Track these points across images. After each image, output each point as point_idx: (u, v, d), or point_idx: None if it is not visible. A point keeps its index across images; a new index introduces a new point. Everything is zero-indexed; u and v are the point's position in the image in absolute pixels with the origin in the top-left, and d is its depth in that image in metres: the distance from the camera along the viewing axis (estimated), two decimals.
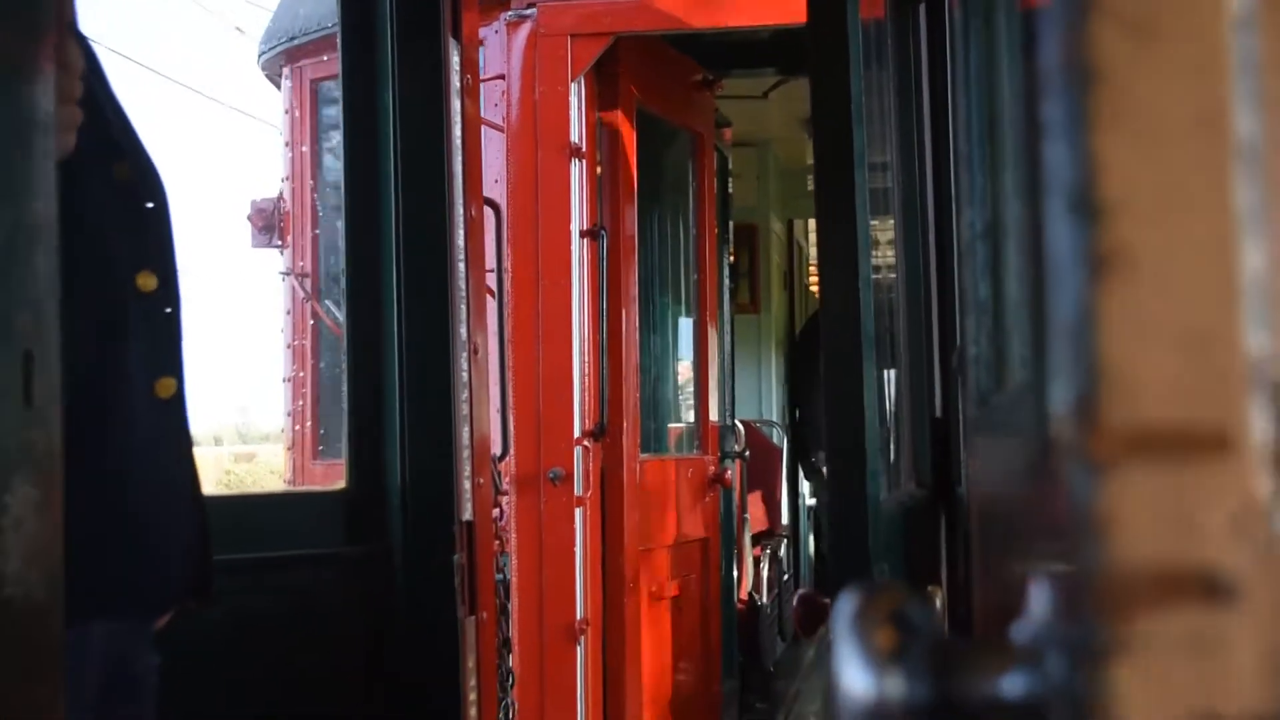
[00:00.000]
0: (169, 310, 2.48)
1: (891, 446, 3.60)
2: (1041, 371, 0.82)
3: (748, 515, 8.60)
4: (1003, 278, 1.42)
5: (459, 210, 3.58)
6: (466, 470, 3.55)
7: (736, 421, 8.33)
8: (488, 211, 4.13)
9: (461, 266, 3.58)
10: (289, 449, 7.00)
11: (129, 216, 2.43)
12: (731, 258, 8.57)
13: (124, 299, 2.39)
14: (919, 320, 3.48)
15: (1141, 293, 0.64)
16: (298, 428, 6.83)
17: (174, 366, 2.49)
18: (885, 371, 3.67)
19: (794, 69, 7.27)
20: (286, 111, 7.01)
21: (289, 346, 7.01)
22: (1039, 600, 0.81)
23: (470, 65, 3.64)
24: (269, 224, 6.93)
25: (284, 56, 6.94)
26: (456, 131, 3.56)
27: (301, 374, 6.84)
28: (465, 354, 3.58)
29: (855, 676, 0.74)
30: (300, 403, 6.82)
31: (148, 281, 2.43)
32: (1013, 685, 0.76)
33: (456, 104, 3.56)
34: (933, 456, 3.38)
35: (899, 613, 0.77)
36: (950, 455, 3.31)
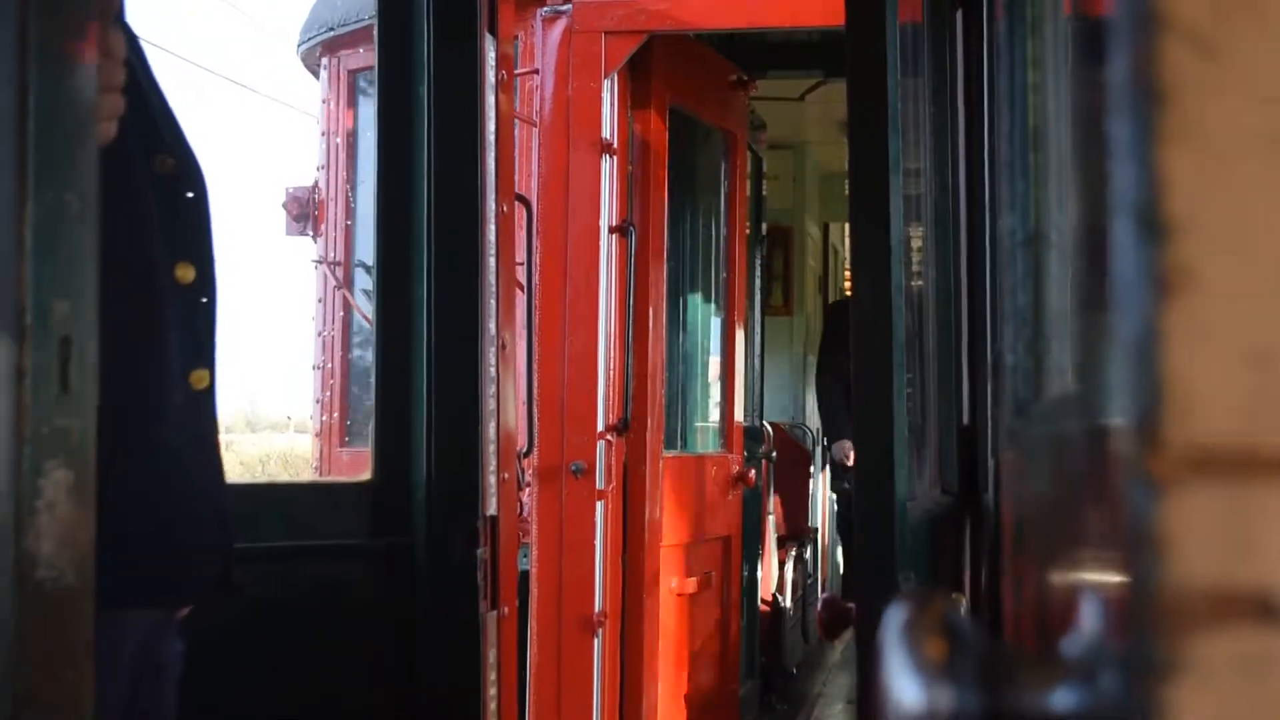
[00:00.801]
0: (205, 302, 2.48)
1: (914, 451, 3.60)
2: (1095, 385, 0.82)
3: (772, 516, 8.57)
4: (1044, 287, 1.41)
5: (490, 205, 3.58)
6: (492, 465, 3.55)
7: (765, 424, 8.31)
8: (519, 207, 4.14)
9: (492, 261, 3.59)
10: (316, 436, 7.04)
11: (169, 208, 2.43)
12: (764, 259, 8.55)
13: (162, 290, 2.40)
14: (949, 327, 3.47)
15: (1206, 311, 0.64)
16: (325, 416, 6.86)
17: (209, 358, 2.49)
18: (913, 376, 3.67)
19: (838, 71, 7.27)
20: (324, 101, 7.05)
21: (319, 335, 7.05)
22: (1090, 615, 0.81)
23: (505, 61, 3.64)
24: (303, 212, 6.96)
25: (322, 47, 6.98)
26: (490, 127, 3.57)
27: (330, 363, 6.87)
28: (493, 349, 3.58)
29: (906, 687, 0.75)
30: (328, 392, 6.85)
31: (186, 273, 2.43)
32: (1064, 699, 0.76)
33: (491, 99, 3.57)
34: (960, 463, 3.37)
35: (949, 623, 0.77)
36: (976, 462, 3.30)
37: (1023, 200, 1.45)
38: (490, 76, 3.57)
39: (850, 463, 7.50)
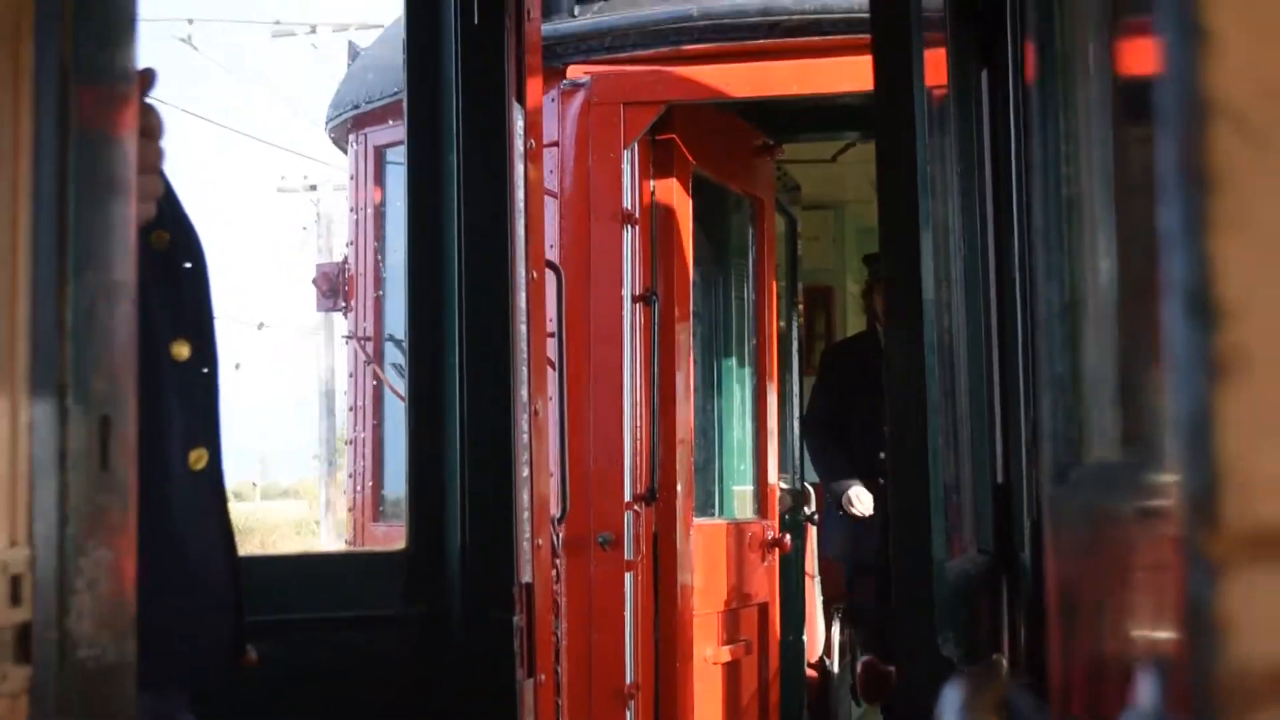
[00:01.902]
0: (202, 379, 2.44)
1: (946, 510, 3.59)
2: (1145, 459, 0.83)
3: (818, 578, 8.41)
4: (1082, 355, 1.42)
5: (520, 273, 3.60)
6: (526, 532, 3.56)
7: (807, 484, 8.19)
8: (549, 274, 4.16)
9: (523, 329, 3.60)
10: (350, 511, 7.03)
11: (165, 283, 2.39)
12: (801, 320, 8.48)
13: (158, 370, 2.36)
14: (981, 386, 3.47)
15: (1259, 394, 0.64)
16: (359, 490, 6.85)
17: (207, 437, 2.45)
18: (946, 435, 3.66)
19: (872, 131, 7.24)
20: (352, 177, 7.08)
21: (350, 410, 7.06)
22: (1147, 692, 0.81)
23: (534, 129, 3.67)
24: (333, 288, 6.99)
25: (350, 123, 7.01)
26: (519, 195, 3.59)
27: (362, 436, 6.88)
28: (526, 416, 3.59)
29: None
30: (361, 464, 6.85)
31: (181, 350, 2.40)
32: None
33: (520, 168, 3.59)
34: (995, 522, 3.36)
35: (1006, 702, 0.78)
36: (1013, 522, 3.29)
37: (1059, 270, 1.45)
38: (519, 145, 3.60)
39: (855, 509, 7.39)
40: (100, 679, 1.60)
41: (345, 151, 7.24)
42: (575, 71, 5.84)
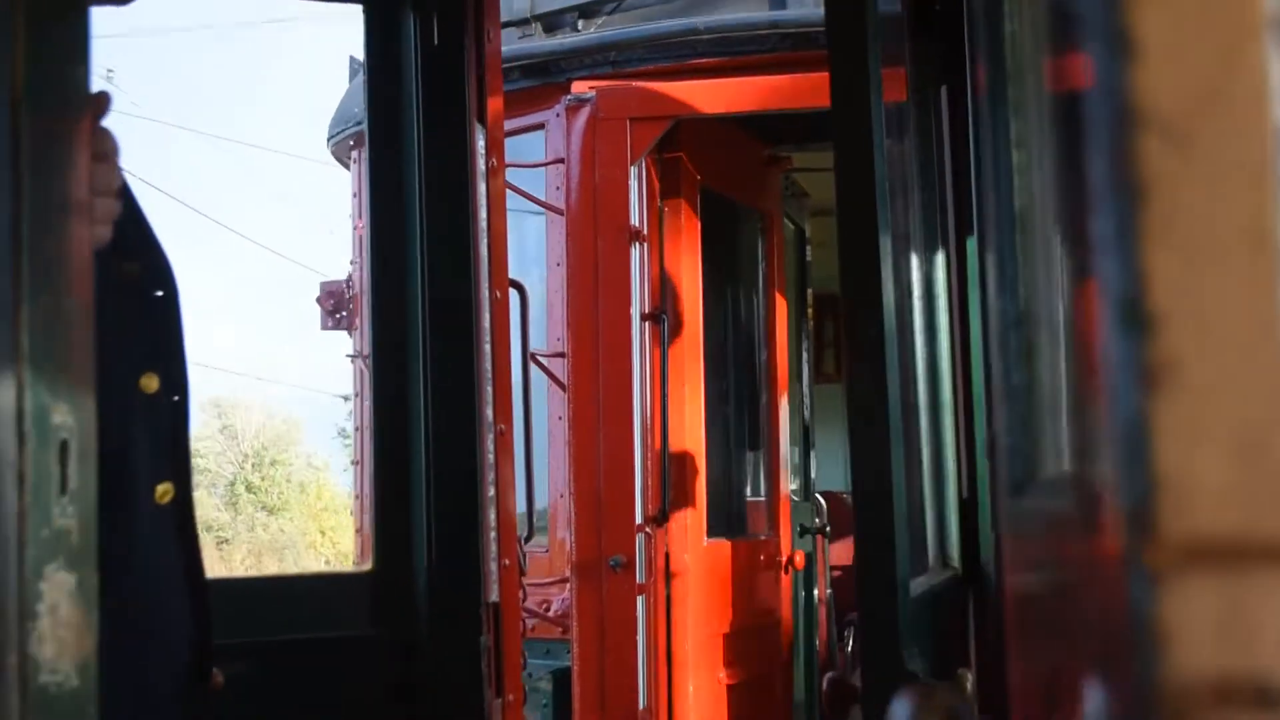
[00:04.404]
0: (171, 411, 2.42)
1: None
2: (1089, 470, 0.83)
3: (830, 593, 8.32)
4: (1036, 368, 1.42)
5: (485, 292, 3.59)
6: (493, 551, 3.55)
7: (818, 495, 8.12)
8: (513, 293, 4.15)
9: (487, 348, 3.60)
10: (357, 530, 6.99)
11: (133, 317, 2.37)
12: (811, 328, 8.43)
13: (126, 402, 2.34)
14: (942, 399, 3.48)
15: (1193, 402, 0.65)
16: (364, 511, 6.79)
17: (174, 470, 2.43)
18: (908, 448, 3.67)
19: None
20: (354, 194, 7.03)
21: (356, 430, 7.01)
22: (1094, 702, 0.81)
23: (495, 147, 3.67)
24: (338, 306, 6.94)
25: (351, 140, 6.97)
26: (482, 215, 3.59)
27: (367, 457, 6.82)
28: (491, 435, 3.59)
29: None
30: (366, 485, 6.80)
31: (150, 382, 2.38)
32: None
33: (482, 187, 3.59)
34: (961, 535, 3.38)
35: (953, 714, 0.78)
36: (977, 536, 3.30)
37: (1011, 282, 1.46)
38: (480, 165, 3.60)
39: None
40: (61, 705, 1.59)
41: (347, 168, 7.19)
42: (580, 87, 5.78)
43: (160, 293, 2.42)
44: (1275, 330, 0.65)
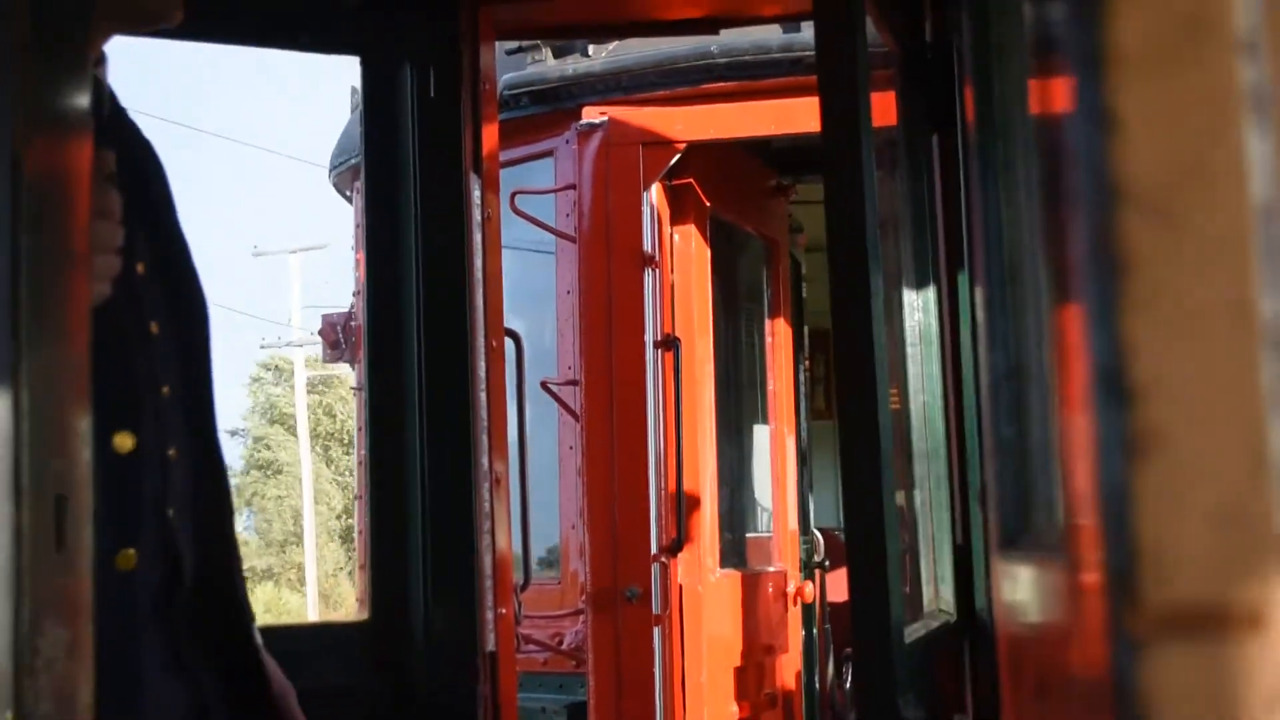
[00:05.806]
0: (143, 473, 2.28)
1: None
2: (1074, 536, 0.84)
3: (829, 627, 8.31)
4: (1028, 420, 1.44)
5: (480, 341, 3.61)
6: (489, 600, 3.55)
7: (814, 530, 8.11)
8: (509, 342, 4.15)
9: (483, 397, 3.61)
10: (361, 568, 6.95)
11: (111, 372, 2.20)
12: (807, 363, 8.43)
13: (97, 461, 2.24)
14: (938, 445, 3.49)
15: (1174, 472, 0.66)
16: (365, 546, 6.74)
17: (139, 536, 2.27)
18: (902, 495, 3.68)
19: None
20: (357, 226, 7.01)
21: (360, 464, 6.95)
22: None
23: (491, 195, 3.69)
24: (339, 339, 6.89)
25: (352, 172, 6.95)
26: (478, 264, 3.60)
27: None
28: (487, 484, 3.59)
29: None
30: (365, 523, 6.75)
31: (125, 441, 2.25)
32: None
33: (478, 236, 3.61)
34: (955, 581, 3.38)
35: None
36: (972, 582, 3.31)
37: (1003, 336, 1.48)
38: (476, 215, 3.61)
39: None
40: None
41: (349, 200, 7.17)
42: (590, 113, 5.74)
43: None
44: (1255, 402, 0.66)
